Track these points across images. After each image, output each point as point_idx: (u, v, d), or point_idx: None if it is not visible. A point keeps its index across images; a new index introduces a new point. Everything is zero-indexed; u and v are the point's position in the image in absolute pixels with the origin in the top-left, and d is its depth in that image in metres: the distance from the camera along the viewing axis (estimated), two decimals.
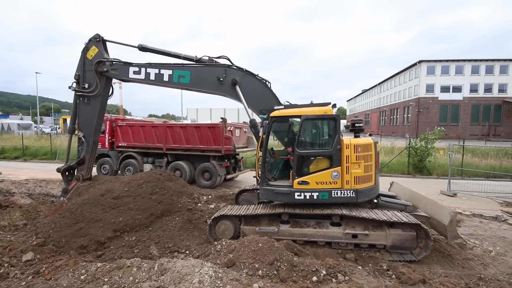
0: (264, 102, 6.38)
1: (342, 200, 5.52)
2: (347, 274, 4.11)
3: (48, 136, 25.84)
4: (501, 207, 9.00)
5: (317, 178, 5.55)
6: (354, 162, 5.49)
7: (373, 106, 65.08)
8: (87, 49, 6.91)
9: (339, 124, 5.59)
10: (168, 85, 6.75)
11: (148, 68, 6.60)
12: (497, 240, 6.28)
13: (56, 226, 5.63)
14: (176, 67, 6.62)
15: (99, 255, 5.19)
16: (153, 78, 6.63)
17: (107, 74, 6.81)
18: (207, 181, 11.07)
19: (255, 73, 6.54)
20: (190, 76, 6.53)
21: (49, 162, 18.77)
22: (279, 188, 5.75)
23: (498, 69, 40.78)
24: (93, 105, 7.00)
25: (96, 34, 7.01)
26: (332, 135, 5.66)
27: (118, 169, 12.32)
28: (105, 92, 7.13)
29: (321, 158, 5.66)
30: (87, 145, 7.24)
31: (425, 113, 41.65)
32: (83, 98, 7.00)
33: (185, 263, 3.87)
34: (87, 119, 7.05)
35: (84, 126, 7.12)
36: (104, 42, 7.05)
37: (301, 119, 5.61)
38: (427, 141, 14.05)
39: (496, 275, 4.69)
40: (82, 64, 6.92)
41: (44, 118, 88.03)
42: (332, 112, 5.72)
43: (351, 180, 5.48)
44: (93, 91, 6.82)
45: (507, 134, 38.68)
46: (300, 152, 5.63)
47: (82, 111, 7.05)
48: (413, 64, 43.95)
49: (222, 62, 6.76)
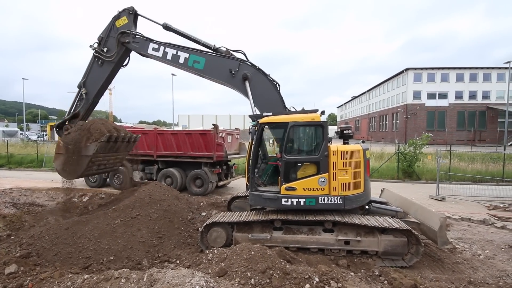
0: (270, 103, 6.44)
1: (329, 206, 5.51)
2: (340, 280, 4.09)
3: (35, 143, 25.18)
4: (488, 210, 9.19)
5: (304, 184, 5.56)
6: (341, 169, 5.48)
7: (363, 112, 66.21)
8: (118, 17, 7.11)
9: (327, 130, 5.62)
10: (182, 67, 6.86)
11: (167, 47, 6.80)
12: (486, 243, 6.40)
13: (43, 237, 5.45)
14: (193, 52, 6.78)
15: (85, 266, 5.03)
16: (169, 58, 6.82)
17: (128, 45, 7.02)
18: (199, 188, 10.95)
19: (267, 73, 6.61)
20: (205, 63, 6.69)
21: (35, 170, 18.26)
22: (267, 194, 5.78)
23: (481, 77, 42.27)
24: (105, 69, 7.26)
25: (131, 6, 7.15)
26: (319, 141, 5.68)
27: (107, 177, 12.07)
28: (119, 61, 7.33)
29: (308, 165, 5.67)
30: (85, 102, 7.39)
31: (413, 119, 42.61)
32: (98, 60, 7.25)
33: (176, 273, 3.78)
34: (95, 79, 7.30)
35: (90, 84, 7.35)
36: (136, 16, 7.23)
37: (289, 125, 5.65)
38: (416, 146, 14.34)
39: (485, 278, 4.76)
40: (109, 29, 7.14)
41: (30, 125, 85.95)
42: (319, 119, 5.75)
43: (338, 187, 5.47)
44: (110, 57, 7.09)
45: (492, 139, 39.85)
46: (288, 158, 5.67)
47: (93, 71, 7.32)
48: (401, 71, 45.11)
49: (238, 56, 6.88)
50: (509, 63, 30.85)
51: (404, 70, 43.92)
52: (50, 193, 10.78)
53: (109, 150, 6.99)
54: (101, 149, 6.60)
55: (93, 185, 12.30)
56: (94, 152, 6.46)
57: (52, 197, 10.49)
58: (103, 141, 6.47)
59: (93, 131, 6.61)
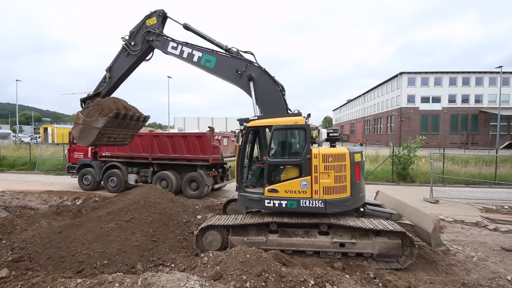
0: (272, 104, 6.57)
1: (310, 210, 5.50)
2: (335, 283, 4.10)
3: (28, 145, 24.84)
4: (481, 213, 9.31)
5: (286, 187, 5.61)
6: (323, 172, 5.44)
7: (358, 115, 66.73)
8: (149, 17, 7.80)
9: (309, 134, 5.65)
10: (196, 65, 7.38)
11: (184, 46, 7.39)
12: (479, 245, 6.47)
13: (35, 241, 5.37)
14: (206, 51, 7.24)
15: (79, 270, 4.96)
16: (185, 56, 7.39)
17: (151, 43, 7.72)
18: (194, 191, 10.89)
19: (272, 75, 6.79)
20: (215, 63, 7.12)
21: (28, 173, 18.02)
22: (252, 195, 5.93)
23: (474, 81, 42.98)
24: (129, 60, 8.07)
25: (162, 9, 7.83)
26: (302, 144, 5.72)
27: (101, 179, 11.95)
28: (142, 55, 8.09)
29: (291, 167, 5.73)
30: (108, 85, 8.35)
31: (407, 122, 43.07)
32: (125, 51, 8.03)
33: (170, 277, 3.75)
34: (120, 67, 8.25)
35: (115, 70, 8.29)
36: (165, 18, 7.91)
37: (272, 129, 5.75)
38: (410, 149, 14.49)
39: (479, 280, 4.81)
40: (139, 26, 7.88)
41: (23, 127, 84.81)
42: (303, 122, 5.76)
43: (320, 190, 5.44)
44: (135, 51, 7.87)
45: (484, 142, 40.45)
46: (271, 160, 5.80)
47: (119, 60, 8.22)
48: (395, 75, 45.66)
49: (247, 57, 7.15)
50: (501, 68, 31.44)
51: (398, 74, 44.46)
52: (42, 196, 10.64)
53: (118, 126, 7.77)
54: (109, 123, 7.35)
55: (87, 188, 12.17)
56: (102, 126, 7.24)
57: (45, 200, 10.36)
58: (110, 117, 7.22)
59: (104, 107, 7.41)
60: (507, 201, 10.48)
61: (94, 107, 7.63)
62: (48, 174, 17.60)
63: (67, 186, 12.80)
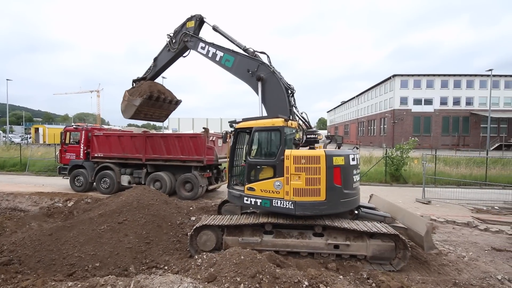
0: (277, 105, 6.79)
1: (281, 210, 5.55)
2: (329, 284, 4.11)
3: (18, 146, 24.38)
4: (472, 213, 9.45)
5: (262, 186, 5.80)
6: (293, 174, 5.43)
7: (352, 117, 67.30)
8: (190, 20, 8.90)
9: (284, 135, 5.74)
10: (218, 64, 8.06)
11: (210, 47, 8.26)
12: (470, 245, 6.57)
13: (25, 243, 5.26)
14: (227, 52, 7.91)
15: (70, 273, 4.88)
16: (210, 56, 8.23)
17: (186, 43, 8.86)
18: (189, 192, 10.82)
19: (280, 76, 7.00)
20: (233, 62, 7.73)
21: (18, 174, 17.67)
22: (235, 192, 6.29)
23: (465, 84, 43.76)
24: (169, 55, 9.43)
25: (199, 14, 8.83)
26: (277, 146, 5.81)
27: (93, 181, 11.78)
28: (179, 53, 9.27)
29: (267, 167, 5.90)
30: (152, 71, 9.92)
31: (400, 124, 43.60)
32: (167, 46, 9.34)
33: (163, 279, 3.71)
34: (161, 59, 9.69)
35: (158, 61, 9.78)
36: (202, 22, 8.88)
37: (253, 130, 6.06)
38: (402, 151, 14.65)
39: (470, 279, 4.88)
40: (180, 27, 9.02)
41: (14, 127, 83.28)
42: (280, 124, 5.81)
43: (291, 192, 5.46)
44: (173, 48, 9.21)
45: (475, 144, 41.19)
46: (250, 160, 6.10)
47: (162, 53, 9.61)
48: (388, 78, 46.21)
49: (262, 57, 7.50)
50: (491, 71, 32.09)
51: (391, 76, 45.00)
52: (33, 197, 10.46)
53: (152, 106, 9.74)
54: (144, 103, 9.31)
55: (79, 189, 11.99)
56: (139, 104, 9.25)
57: (36, 201, 10.18)
58: (145, 98, 9.19)
59: (141, 89, 9.34)
60: (497, 201, 10.66)
61: (136, 88, 9.60)
62: (39, 175, 17.30)
63: (58, 188, 12.59)
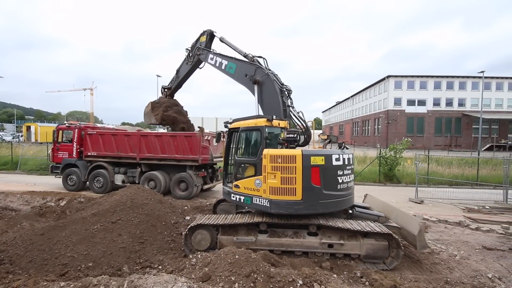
0: (271, 107, 6.95)
1: (259, 207, 5.73)
2: (323, 283, 4.14)
3: (9, 144, 23.96)
4: (463, 213, 9.60)
5: (245, 184, 6.03)
6: (269, 172, 5.53)
7: (347, 117, 67.75)
8: (203, 35, 9.66)
9: (264, 135, 5.89)
10: (224, 72, 8.57)
11: (217, 57, 8.89)
12: (461, 244, 6.67)
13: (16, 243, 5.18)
14: (230, 60, 8.40)
15: (62, 273, 4.82)
16: (217, 65, 8.80)
17: (199, 56, 9.66)
18: (183, 191, 10.78)
19: (275, 78, 7.18)
20: (235, 69, 8.15)
21: (9, 172, 17.38)
22: (226, 188, 6.70)
23: (457, 85, 44.39)
24: (187, 67, 10.34)
25: (210, 29, 9.56)
26: (258, 145, 5.98)
27: (86, 180, 11.65)
28: (195, 65, 10.12)
29: (250, 166, 6.12)
30: (175, 82, 11.10)
31: (393, 124, 44.04)
32: (186, 60, 10.28)
33: (157, 279, 3.69)
34: (182, 71, 10.66)
35: (180, 72, 10.78)
36: (212, 36, 9.58)
37: (239, 130, 6.42)
38: (396, 151, 14.81)
39: (461, 278, 4.96)
40: (195, 41, 9.86)
41: (5, 125, 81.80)
42: (262, 124, 6.00)
43: (267, 190, 5.57)
44: (189, 61, 10.16)
45: (467, 144, 41.82)
46: (237, 159, 6.49)
47: (182, 65, 10.59)
48: (382, 79, 46.63)
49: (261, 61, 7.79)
50: (483, 73, 32.57)
51: (385, 77, 45.41)
52: (25, 196, 10.30)
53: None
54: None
55: (72, 188, 11.84)
56: (152, 123, 11.30)
57: (27, 201, 10.03)
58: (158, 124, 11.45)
59: (159, 111, 10.99)
60: (488, 201, 10.86)
61: (159, 105, 11.13)
62: (31, 174, 17.04)
63: (50, 187, 12.42)
